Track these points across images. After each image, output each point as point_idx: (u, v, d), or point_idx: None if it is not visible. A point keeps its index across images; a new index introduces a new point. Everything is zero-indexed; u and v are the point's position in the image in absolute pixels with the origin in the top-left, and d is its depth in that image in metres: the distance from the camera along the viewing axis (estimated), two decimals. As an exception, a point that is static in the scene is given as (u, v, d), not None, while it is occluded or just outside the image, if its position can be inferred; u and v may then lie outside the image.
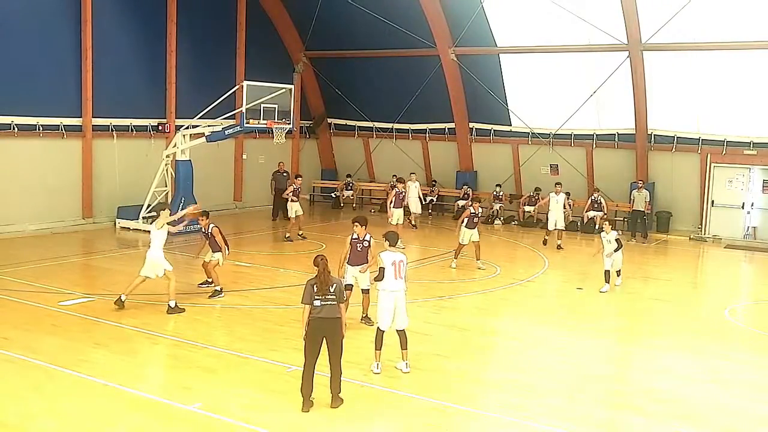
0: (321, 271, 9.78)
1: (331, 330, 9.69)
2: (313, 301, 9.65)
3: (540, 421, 9.49)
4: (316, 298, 9.65)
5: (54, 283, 15.78)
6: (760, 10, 22.86)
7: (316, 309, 9.65)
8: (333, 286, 9.75)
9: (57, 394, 9.91)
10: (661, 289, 18.27)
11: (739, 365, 12.41)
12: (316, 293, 9.67)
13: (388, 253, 11.32)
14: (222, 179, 28.79)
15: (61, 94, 23.27)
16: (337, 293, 9.76)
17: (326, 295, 9.67)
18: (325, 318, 9.65)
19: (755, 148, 24.89)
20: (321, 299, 9.65)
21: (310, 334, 9.64)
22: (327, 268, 9.84)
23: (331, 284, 9.75)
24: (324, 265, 9.85)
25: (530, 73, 27.87)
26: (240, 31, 28.92)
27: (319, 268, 9.82)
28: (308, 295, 9.70)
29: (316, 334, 9.63)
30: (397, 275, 11.18)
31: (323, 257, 9.96)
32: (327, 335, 9.65)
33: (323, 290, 9.69)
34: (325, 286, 9.71)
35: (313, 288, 9.70)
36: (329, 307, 9.68)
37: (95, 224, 23.97)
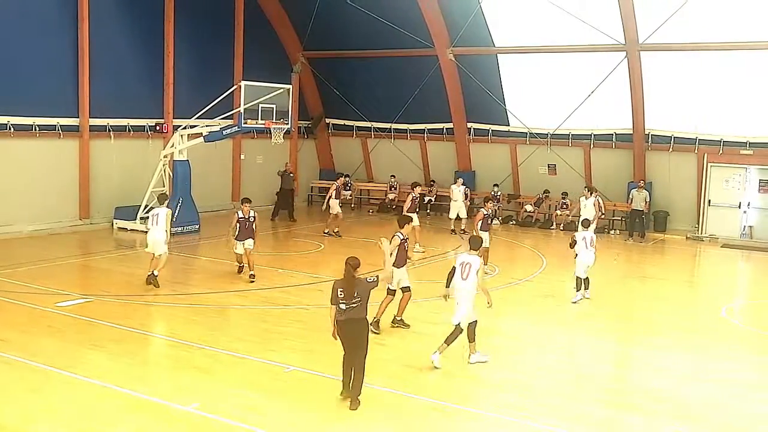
0: (346, 274, 9.74)
1: (357, 332, 9.75)
2: (339, 303, 9.67)
3: (539, 421, 9.49)
4: (341, 301, 9.65)
5: (51, 284, 15.75)
6: (757, 11, 22.89)
7: (341, 311, 9.69)
8: (353, 289, 9.71)
9: (54, 396, 9.89)
10: (659, 288, 18.28)
11: (736, 364, 12.43)
12: (341, 297, 9.66)
13: (461, 255, 11.85)
14: (220, 179, 28.75)
15: (57, 94, 23.23)
16: (361, 295, 9.74)
17: (352, 299, 9.66)
18: (349, 319, 9.71)
19: (752, 148, 24.94)
20: (346, 303, 9.66)
21: (340, 336, 9.80)
22: (352, 272, 9.74)
23: (356, 287, 9.71)
24: (350, 268, 9.75)
25: (528, 74, 27.87)
26: (238, 31, 28.88)
27: (345, 270, 9.77)
28: (334, 296, 9.74)
29: (343, 336, 9.77)
30: (462, 276, 11.55)
31: (355, 259, 9.85)
32: (351, 337, 9.73)
33: (350, 294, 9.67)
34: (350, 289, 9.68)
35: (338, 291, 9.70)
36: (354, 309, 9.70)
37: (92, 225, 23.93)
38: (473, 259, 11.65)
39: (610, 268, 20.00)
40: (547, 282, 18.44)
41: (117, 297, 15.01)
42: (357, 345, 9.76)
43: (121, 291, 15.54)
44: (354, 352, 9.78)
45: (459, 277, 11.63)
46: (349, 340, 9.77)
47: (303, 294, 15.98)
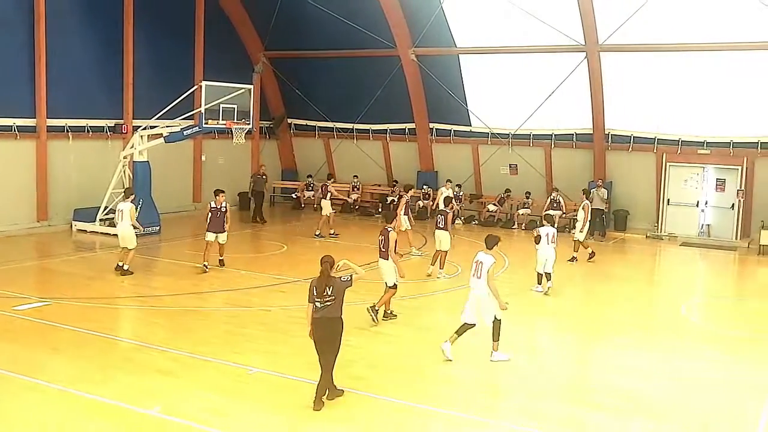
0: (321, 273, 9.85)
1: (329, 329, 9.79)
2: (315, 301, 9.75)
3: (505, 419, 9.54)
4: (316, 299, 9.74)
5: (8, 288, 15.45)
6: (713, 13, 23.26)
7: (316, 309, 9.77)
8: (331, 288, 9.79)
9: (13, 401, 9.70)
10: (619, 286, 18.49)
11: (696, 361, 12.62)
12: (315, 295, 9.75)
13: (479, 254, 12.07)
14: (181, 180, 28.48)
15: (13, 94, 22.83)
16: (336, 293, 9.80)
17: (324, 297, 9.73)
18: (322, 318, 9.76)
19: (709, 148, 25.34)
20: (320, 300, 9.74)
21: (315, 334, 9.84)
22: (328, 269, 9.85)
23: (329, 286, 9.78)
24: (326, 266, 9.87)
25: (489, 74, 28.01)
26: (198, 31, 28.63)
27: (321, 269, 9.89)
28: (310, 294, 9.83)
29: (318, 334, 9.80)
30: (474, 274, 11.86)
31: (328, 258, 9.99)
32: (325, 335, 9.77)
33: (321, 292, 9.75)
34: (323, 287, 9.76)
35: (313, 289, 9.78)
36: (328, 307, 9.75)
37: (51, 227, 23.54)
38: (486, 258, 11.91)
39: (571, 267, 20.19)
40: (510, 281, 18.52)
41: (76, 300, 14.78)
42: (328, 343, 9.79)
43: (81, 294, 15.32)
44: (325, 351, 9.79)
45: (473, 275, 11.93)
46: (321, 338, 9.79)
47: (266, 296, 15.90)
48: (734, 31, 23.17)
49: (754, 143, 24.67)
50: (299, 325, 13.57)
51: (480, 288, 11.78)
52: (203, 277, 17.43)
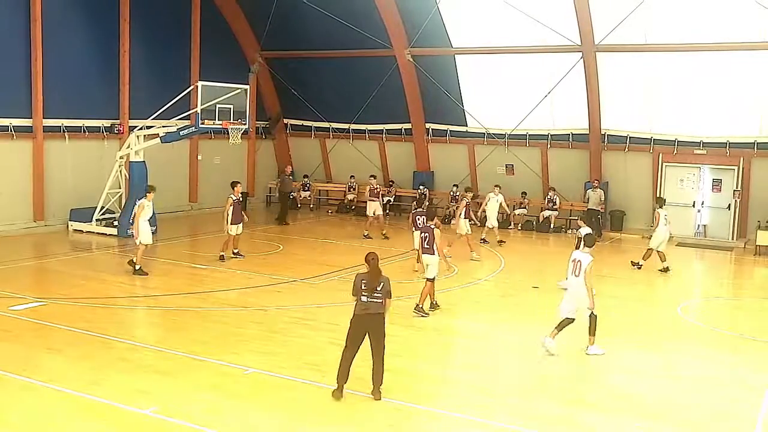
0: (372, 268, 9.94)
1: (376, 325, 9.92)
2: (361, 296, 9.81)
3: (499, 420, 9.54)
4: (363, 294, 9.83)
5: (5, 288, 15.44)
6: (709, 13, 23.31)
7: (363, 305, 9.85)
8: (380, 285, 9.91)
9: (9, 401, 9.70)
10: (615, 287, 18.49)
11: (693, 361, 12.63)
12: (363, 290, 9.83)
13: (575, 252, 12.58)
14: (177, 180, 28.43)
15: (10, 94, 22.77)
16: (383, 291, 9.92)
17: (373, 293, 9.85)
18: (369, 314, 9.87)
19: (705, 148, 25.39)
20: (368, 296, 9.83)
21: (355, 328, 9.92)
22: (378, 266, 9.99)
23: (379, 282, 9.89)
24: (375, 263, 9.99)
25: (485, 74, 28.03)
26: (194, 31, 28.60)
27: (370, 265, 9.97)
28: (356, 289, 9.90)
29: (360, 329, 9.90)
30: (573, 272, 12.33)
31: (374, 255, 10.12)
32: (371, 330, 9.90)
33: (371, 288, 9.85)
34: (373, 283, 9.86)
35: (361, 284, 9.85)
36: (376, 303, 9.86)
37: (47, 227, 23.51)
38: (584, 257, 12.31)
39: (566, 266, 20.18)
40: (505, 282, 18.57)
41: (72, 300, 14.77)
42: (377, 338, 9.93)
43: (77, 294, 15.31)
44: (375, 345, 9.93)
45: (572, 273, 12.38)
46: (370, 334, 9.91)
47: (262, 296, 15.90)
48: (730, 31, 23.22)
49: (751, 143, 24.73)
50: (295, 325, 13.64)
51: (578, 285, 12.27)
52: (199, 277, 17.42)
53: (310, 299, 15.58)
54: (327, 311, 14.70)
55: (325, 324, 13.76)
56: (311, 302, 15.31)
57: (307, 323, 13.85)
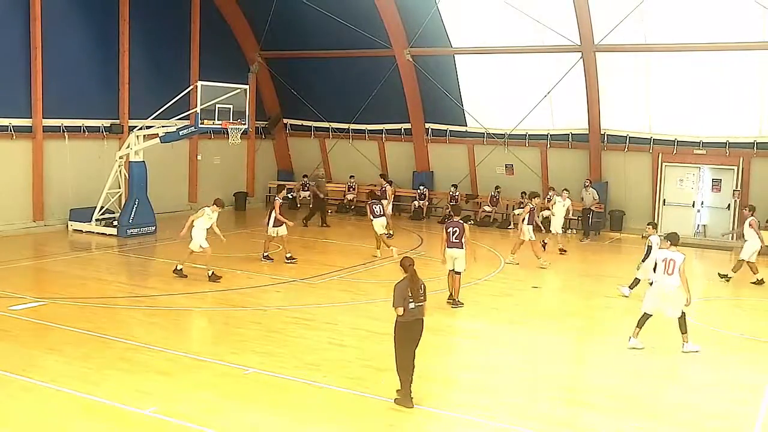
0: (412, 274, 9.87)
1: (420, 330, 9.94)
2: (409, 304, 9.73)
3: (501, 420, 9.54)
4: (410, 300, 9.74)
5: (4, 287, 15.44)
6: (709, 13, 23.31)
7: (411, 312, 9.76)
8: (422, 288, 9.89)
9: (9, 401, 9.70)
10: (615, 286, 18.47)
11: (693, 361, 12.61)
12: (410, 297, 9.75)
13: (662, 251, 12.91)
14: (176, 180, 28.43)
15: (10, 95, 22.78)
16: (425, 295, 9.90)
17: (418, 298, 9.80)
18: (417, 319, 9.85)
19: (705, 148, 25.38)
20: (415, 301, 9.77)
21: (407, 333, 9.82)
22: (415, 270, 9.94)
23: (421, 286, 9.88)
24: (413, 267, 9.93)
25: (485, 74, 28.02)
26: (194, 31, 28.59)
27: (408, 271, 9.89)
28: (401, 298, 9.76)
29: (410, 334, 9.84)
30: (667, 271, 12.57)
31: (411, 259, 10.06)
32: (417, 335, 9.90)
33: (417, 293, 9.80)
34: (417, 288, 9.82)
35: (407, 291, 9.76)
36: (420, 308, 9.85)
37: (47, 227, 23.51)
38: (677, 255, 12.57)
39: (566, 267, 20.23)
40: (505, 281, 18.56)
41: (72, 300, 14.77)
42: (417, 342, 9.92)
43: (77, 293, 15.32)
44: (414, 349, 9.89)
45: (664, 272, 12.58)
46: (415, 338, 9.88)
47: (261, 296, 15.91)
48: (730, 31, 23.20)
49: (750, 143, 24.72)
50: (295, 326, 13.64)
51: (671, 284, 12.53)
52: (198, 277, 17.42)
53: (310, 299, 15.59)
54: (326, 311, 14.71)
55: (325, 324, 13.76)
56: (311, 302, 15.32)
57: (306, 323, 13.85)
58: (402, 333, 9.87)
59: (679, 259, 12.53)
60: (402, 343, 9.87)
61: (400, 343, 9.87)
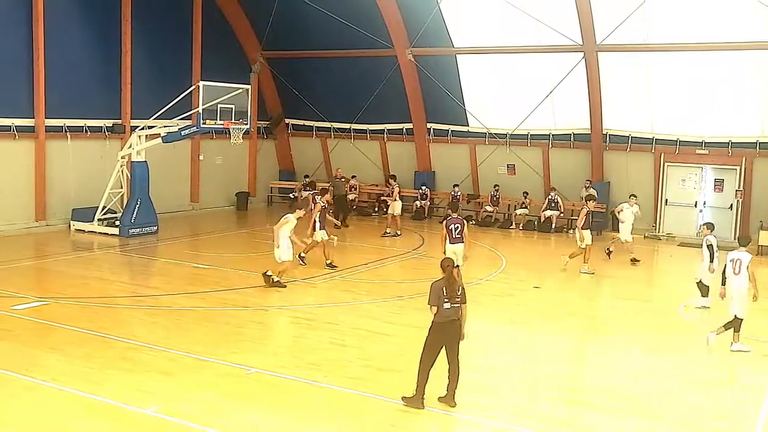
0: (450, 274, 9.82)
1: (455, 331, 9.83)
2: (443, 303, 9.67)
3: (501, 420, 9.54)
4: (445, 300, 9.69)
5: (6, 287, 15.46)
6: (711, 13, 23.28)
7: (445, 312, 9.70)
8: (460, 290, 9.83)
9: (11, 400, 9.71)
10: (617, 287, 18.50)
11: (694, 361, 12.62)
12: (446, 297, 9.69)
13: (732, 252, 13.24)
14: (178, 180, 28.45)
15: (12, 95, 22.81)
16: (462, 296, 9.84)
17: (454, 300, 9.74)
18: (452, 320, 9.77)
19: (707, 148, 25.35)
20: (450, 302, 9.70)
21: (438, 336, 9.75)
22: (453, 271, 9.88)
23: (458, 288, 9.81)
24: (451, 269, 9.87)
25: (487, 74, 28.00)
26: (196, 31, 28.61)
27: (447, 272, 9.84)
28: (436, 297, 9.71)
29: (442, 336, 9.76)
30: (734, 271, 12.94)
31: (450, 260, 10.04)
32: (450, 337, 9.79)
33: (453, 294, 9.74)
34: (454, 290, 9.76)
35: (443, 291, 9.71)
36: (456, 309, 9.78)
37: (49, 226, 23.54)
38: (744, 255, 12.92)
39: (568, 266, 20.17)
40: (506, 282, 18.55)
41: (74, 299, 14.79)
42: (454, 345, 9.84)
43: (79, 293, 15.33)
44: (453, 350, 9.83)
45: (731, 273, 12.93)
46: (451, 340, 9.80)
47: (263, 296, 15.90)
48: (732, 30, 23.16)
49: (753, 143, 24.68)
50: (296, 325, 13.66)
51: (738, 284, 12.85)
52: (200, 277, 17.44)
53: (311, 299, 15.60)
54: (328, 311, 14.72)
55: (326, 324, 13.77)
56: (312, 302, 15.33)
57: (308, 323, 13.86)
58: (434, 335, 9.78)
59: (746, 259, 12.85)
60: (431, 345, 9.78)
61: (430, 345, 9.80)
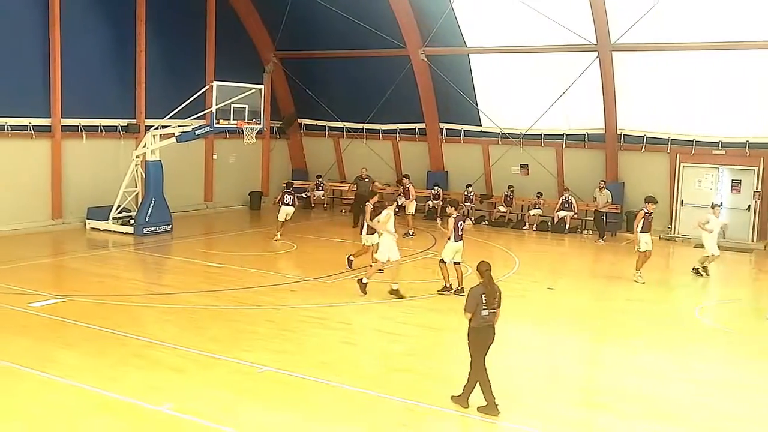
0: (488, 279, 9.77)
1: (492, 336, 9.83)
2: (482, 310, 9.62)
3: (514, 421, 9.52)
4: (484, 308, 9.63)
5: (23, 284, 15.59)
6: (727, 11, 23.12)
7: (483, 318, 9.66)
8: (498, 295, 9.79)
9: (25, 395, 9.80)
10: (632, 288, 18.40)
11: (710, 364, 12.56)
12: (485, 303, 9.64)
13: None
14: (192, 179, 28.58)
15: (29, 94, 22.99)
16: (499, 301, 9.81)
17: (493, 305, 9.70)
18: (490, 325, 9.75)
19: (724, 148, 25.12)
20: (488, 308, 9.66)
21: (479, 340, 9.71)
22: (491, 275, 9.82)
23: (496, 292, 9.77)
24: (489, 273, 9.80)
25: (500, 74, 27.91)
26: (210, 31, 28.73)
27: (485, 276, 9.77)
28: (474, 303, 9.65)
29: (484, 340, 9.73)
30: None
31: (488, 264, 9.93)
32: (490, 342, 9.78)
33: (491, 300, 9.69)
34: (493, 295, 9.72)
35: (481, 297, 9.65)
36: (494, 314, 9.76)
37: (65, 225, 23.71)
38: None
39: (582, 267, 20.17)
40: (520, 282, 18.51)
41: (89, 297, 14.88)
42: (488, 350, 9.79)
43: (94, 291, 15.42)
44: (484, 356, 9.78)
45: None
46: (488, 345, 9.76)
47: (275, 294, 15.95)
48: (749, 29, 22.96)
49: (771, 143, 24.51)
50: (308, 324, 13.67)
51: None
52: (213, 275, 17.51)
53: (324, 298, 15.62)
54: (340, 310, 14.75)
55: (338, 323, 13.80)
56: (324, 301, 15.35)
57: (320, 322, 13.88)
58: (476, 341, 9.73)
59: None
60: (476, 347, 9.73)
61: (476, 349, 9.73)
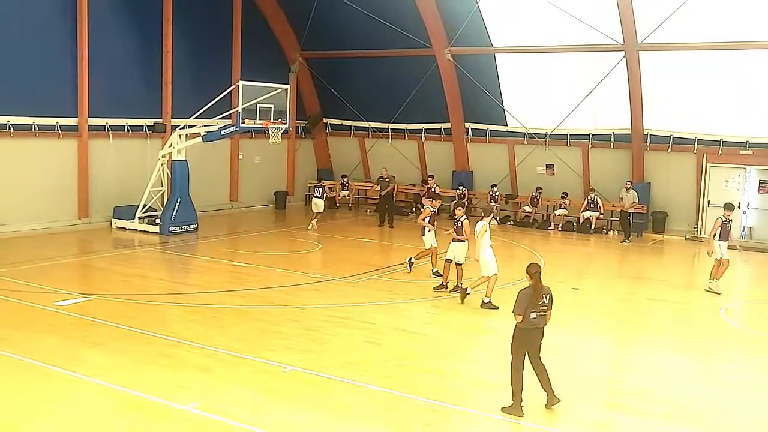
0: (537, 281, 9.72)
1: (539, 338, 9.80)
2: (530, 313, 9.59)
3: (536, 422, 9.49)
4: (532, 310, 9.60)
5: (50, 283, 15.74)
6: (755, 10, 22.87)
7: (531, 321, 9.62)
8: (547, 296, 9.75)
9: (52, 394, 9.90)
10: (657, 289, 18.26)
11: (735, 365, 12.43)
12: (533, 306, 9.61)
13: None
14: (218, 179, 28.76)
15: (57, 94, 23.25)
16: (549, 303, 9.77)
17: (541, 307, 9.66)
18: (539, 327, 9.73)
19: (751, 148, 24.86)
20: (536, 310, 9.63)
21: (522, 342, 9.69)
22: (541, 277, 9.77)
23: (545, 295, 9.73)
24: (539, 275, 9.75)
25: (526, 74, 27.83)
26: (236, 31, 28.89)
27: (534, 279, 9.72)
28: (523, 306, 9.61)
29: (527, 343, 9.70)
30: None
31: (537, 266, 9.87)
32: (534, 343, 9.75)
33: (539, 302, 9.65)
34: (541, 297, 9.68)
35: (530, 300, 9.63)
36: (542, 317, 9.72)
37: (91, 224, 23.94)
38: None
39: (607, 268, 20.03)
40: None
41: (115, 296, 15.01)
42: (537, 350, 9.78)
43: (120, 290, 15.55)
44: (536, 356, 9.77)
45: None
46: (534, 347, 9.74)
47: (300, 294, 15.99)
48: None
49: (799, 144, 24.21)
50: (333, 324, 13.69)
51: None
52: (238, 275, 17.59)
53: (348, 298, 15.64)
54: (364, 310, 14.75)
55: (363, 323, 13.80)
56: (349, 301, 15.36)
57: (344, 322, 13.89)
58: (519, 341, 9.69)
59: None
60: (517, 351, 9.70)
61: (517, 351, 9.70)
